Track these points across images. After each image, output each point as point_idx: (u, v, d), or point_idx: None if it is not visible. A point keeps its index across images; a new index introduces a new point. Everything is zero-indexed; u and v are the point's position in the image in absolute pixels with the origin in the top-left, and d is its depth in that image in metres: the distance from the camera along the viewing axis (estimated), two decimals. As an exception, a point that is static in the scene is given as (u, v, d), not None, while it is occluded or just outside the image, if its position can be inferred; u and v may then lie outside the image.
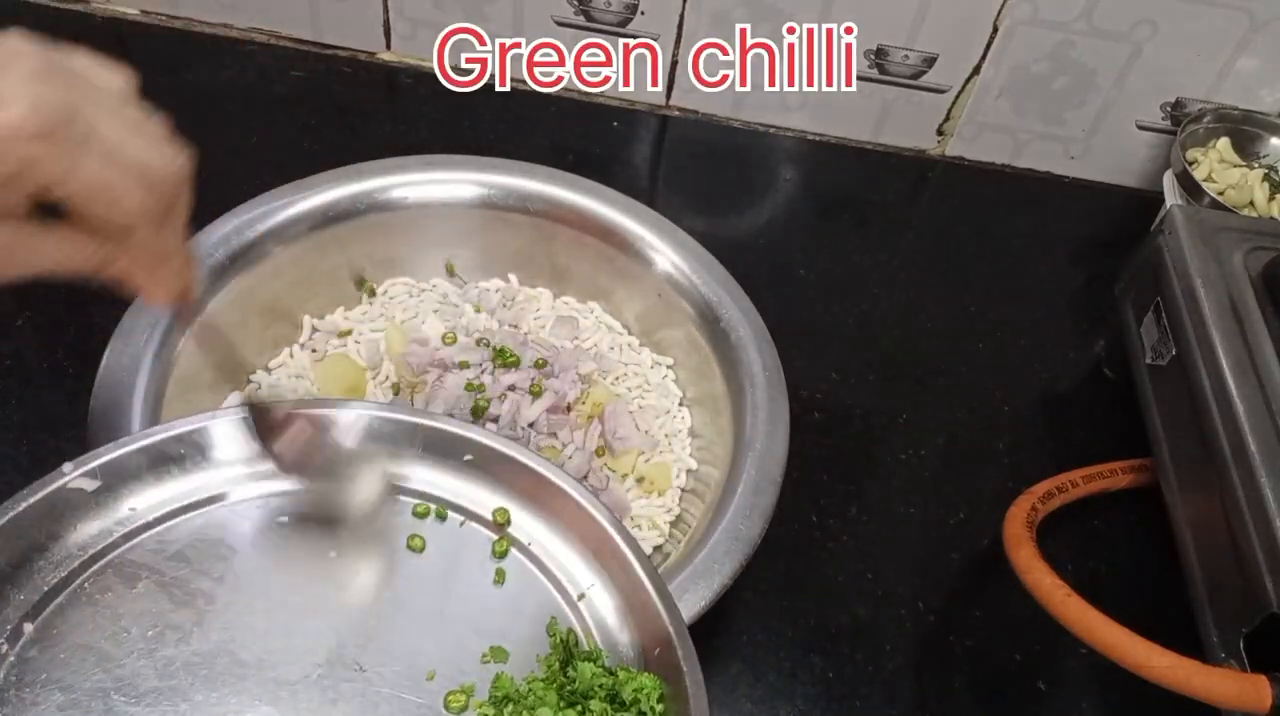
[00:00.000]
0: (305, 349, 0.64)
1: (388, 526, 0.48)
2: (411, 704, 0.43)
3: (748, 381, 0.59)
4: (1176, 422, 0.61)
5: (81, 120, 0.35)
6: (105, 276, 0.40)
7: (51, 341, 0.65)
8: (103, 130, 0.36)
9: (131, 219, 0.38)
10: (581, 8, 0.83)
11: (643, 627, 0.45)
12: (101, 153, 0.36)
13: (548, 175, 0.66)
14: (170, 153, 0.38)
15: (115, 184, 0.37)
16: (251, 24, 0.89)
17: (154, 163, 0.38)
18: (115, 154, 0.36)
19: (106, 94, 0.37)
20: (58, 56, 0.36)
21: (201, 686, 0.42)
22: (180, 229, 0.40)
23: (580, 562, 0.47)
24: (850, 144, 0.89)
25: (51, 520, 0.44)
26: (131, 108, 0.38)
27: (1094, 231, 0.87)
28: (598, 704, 0.42)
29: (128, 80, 0.39)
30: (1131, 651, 0.48)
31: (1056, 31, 0.80)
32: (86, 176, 0.36)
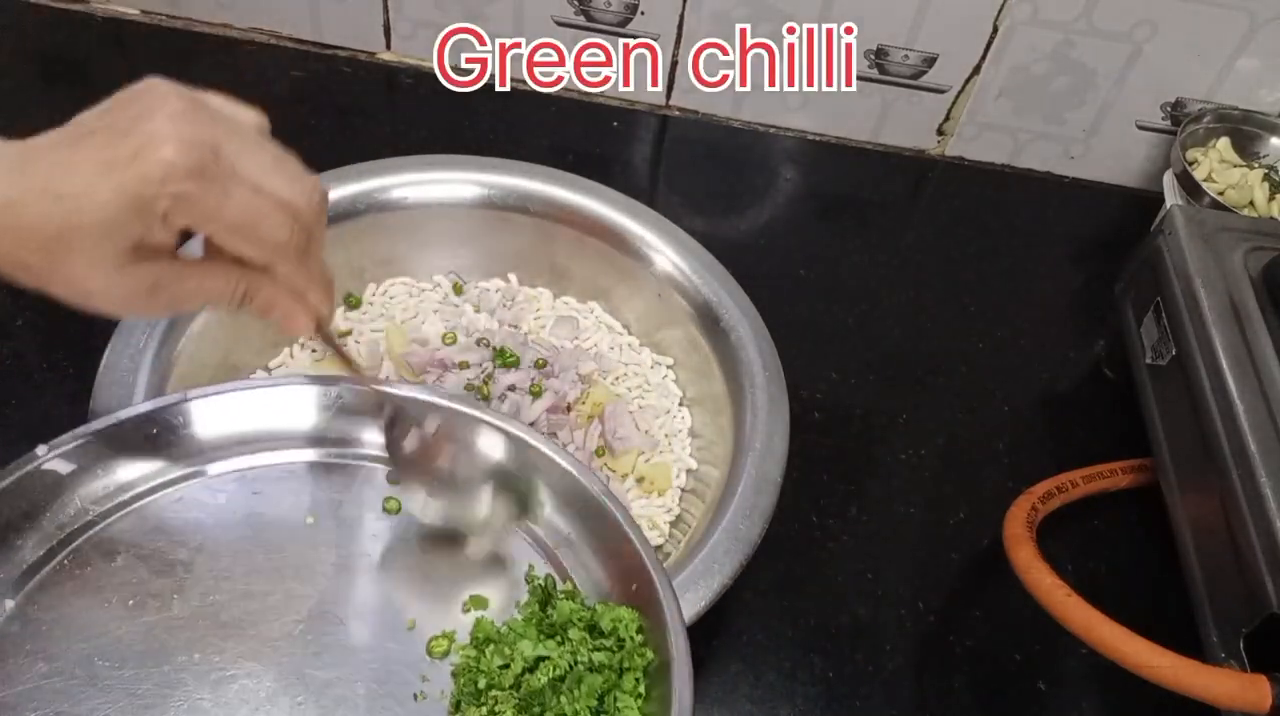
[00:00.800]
0: (305, 349, 0.64)
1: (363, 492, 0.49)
2: (394, 651, 0.44)
3: (748, 381, 0.59)
4: (1176, 422, 0.61)
5: (225, 157, 0.37)
6: (250, 308, 0.42)
7: (51, 341, 0.65)
8: (245, 167, 0.38)
9: (276, 252, 0.40)
10: (581, 8, 0.83)
11: (619, 566, 0.46)
12: (246, 189, 0.38)
13: (548, 175, 0.66)
14: (309, 187, 0.40)
15: (260, 219, 0.38)
16: (251, 24, 0.89)
17: (295, 197, 0.39)
18: (259, 189, 0.38)
19: (244, 132, 0.39)
20: (198, 97, 0.39)
21: (184, 648, 0.42)
22: (319, 258, 0.42)
23: (557, 515, 0.48)
24: (850, 144, 0.89)
25: (28, 501, 0.44)
26: (269, 144, 0.40)
27: (1094, 231, 0.87)
28: (576, 632, 0.43)
29: (261, 118, 0.41)
30: (1131, 651, 0.48)
31: (1056, 31, 0.80)
32: (234, 212, 0.38)
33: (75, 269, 0.37)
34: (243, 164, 0.38)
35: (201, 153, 0.37)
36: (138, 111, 0.37)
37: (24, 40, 0.84)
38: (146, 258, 0.38)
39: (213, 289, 0.41)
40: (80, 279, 0.37)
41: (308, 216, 0.40)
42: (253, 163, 0.38)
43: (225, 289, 0.41)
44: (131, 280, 0.38)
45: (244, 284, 0.41)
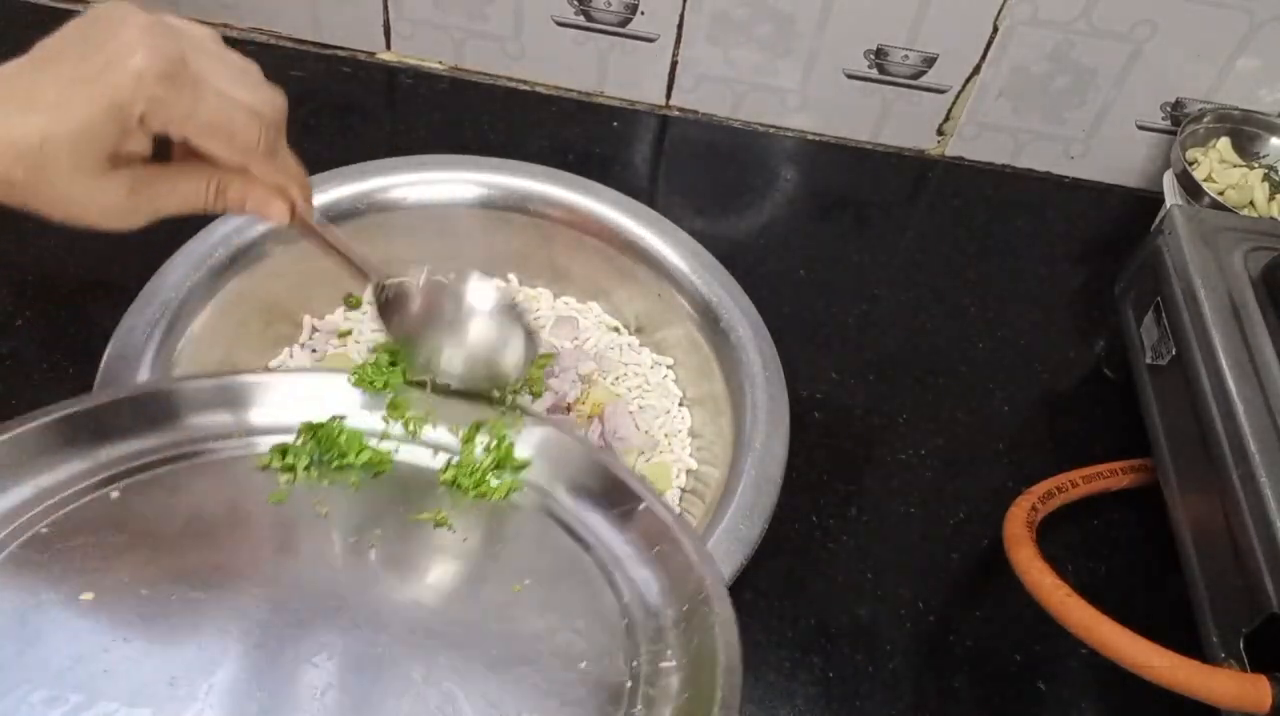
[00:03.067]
0: (305, 349, 0.64)
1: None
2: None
3: (748, 381, 0.59)
4: (1176, 422, 0.61)
5: (192, 64, 0.40)
6: (224, 206, 0.44)
7: (51, 341, 0.65)
8: (211, 74, 0.41)
9: (247, 150, 0.42)
10: (581, 8, 0.83)
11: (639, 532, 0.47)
12: (215, 93, 0.40)
13: (548, 175, 0.67)
14: (270, 93, 0.43)
15: (231, 120, 0.41)
16: (251, 24, 0.89)
17: (259, 103, 0.42)
18: (226, 94, 0.41)
19: (205, 44, 0.42)
20: (158, 14, 0.40)
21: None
22: (288, 154, 0.45)
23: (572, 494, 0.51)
24: (850, 144, 0.89)
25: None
26: (229, 55, 0.43)
27: (1094, 231, 0.87)
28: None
29: (215, 33, 0.43)
30: (1131, 651, 0.48)
31: (1056, 31, 0.80)
32: (206, 113, 0.40)
33: (58, 179, 0.38)
34: (209, 71, 0.40)
35: (170, 59, 0.39)
36: (102, 29, 0.39)
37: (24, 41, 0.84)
38: (123, 164, 0.40)
39: (188, 188, 0.42)
40: (63, 188, 0.39)
41: (272, 119, 0.43)
42: (218, 70, 0.41)
43: (199, 187, 0.43)
44: (111, 185, 0.40)
45: (217, 180, 0.43)
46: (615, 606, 0.44)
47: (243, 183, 0.44)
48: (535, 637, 0.43)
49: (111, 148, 0.39)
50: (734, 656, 0.39)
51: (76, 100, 0.38)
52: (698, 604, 0.42)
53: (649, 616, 0.43)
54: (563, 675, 0.41)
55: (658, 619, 0.43)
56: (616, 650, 0.42)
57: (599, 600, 0.45)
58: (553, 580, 0.46)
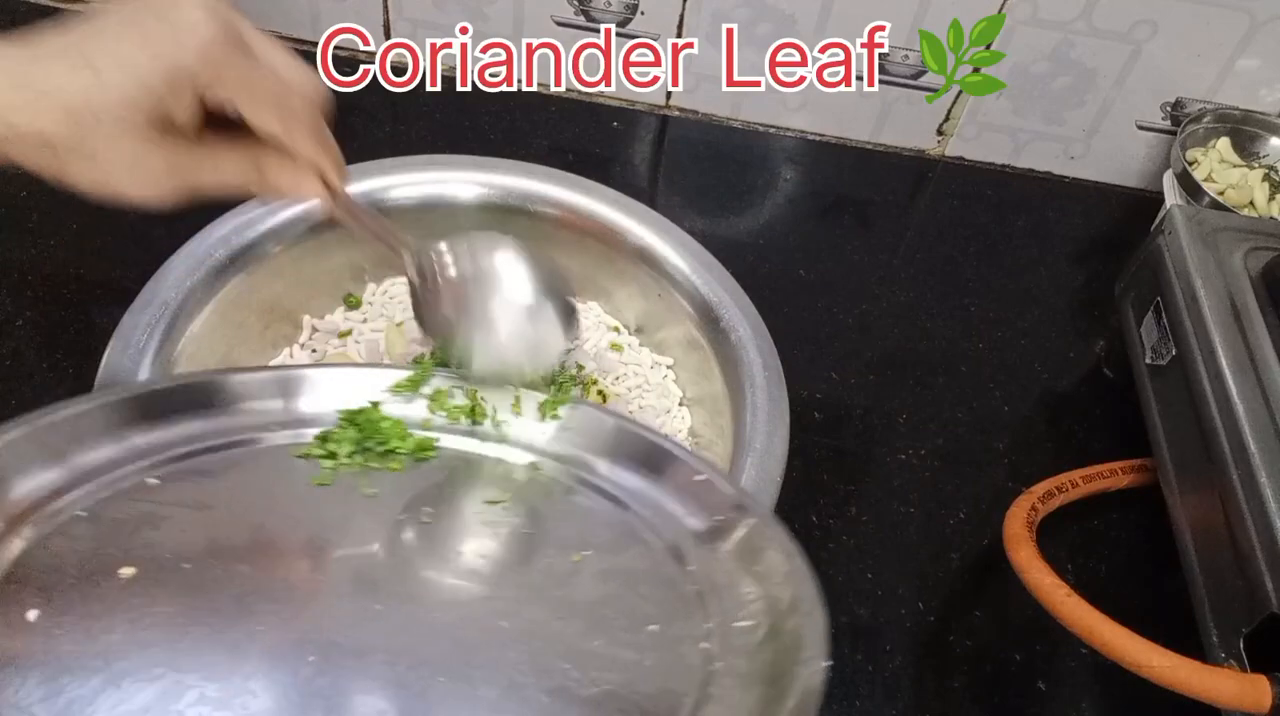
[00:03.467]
0: (305, 349, 0.64)
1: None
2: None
3: (748, 381, 0.59)
4: (1176, 422, 0.61)
5: (248, 36, 0.41)
6: (263, 185, 0.44)
7: (51, 341, 0.65)
8: (265, 50, 0.41)
9: (297, 122, 0.42)
10: (581, 8, 0.83)
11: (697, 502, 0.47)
12: (266, 64, 0.41)
13: (547, 175, 0.66)
14: (314, 75, 0.44)
15: (282, 91, 0.42)
16: (251, 24, 0.88)
17: (306, 77, 0.43)
18: (276, 66, 0.42)
19: (254, 29, 0.42)
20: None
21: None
22: (328, 133, 0.45)
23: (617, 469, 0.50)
24: (850, 144, 0.89)
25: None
26: (276, 41, 0.43)
27: (1094, 231, 0.87)
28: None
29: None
30: (1131, 651, 0.48)
31: (1056, 31, 0.80)
32: (261, 83, 0.41)
33: (101, 140, 0.37)
34: (263, 47, 0.41)
35: (232, 29, 0.39)
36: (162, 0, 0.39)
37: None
38: (169, 134, 0.39)
39: (229, 164, 0.42)
40: (105, 151, 0.38)
41: (318, 92, 0.43)
42: (270, 48, 0.42)
43: (241, 163, 0.42)
44: (152, 157, 0.39)
45: (257, 159, 0.43)
46: (680, 573, 0.43)
47: (279, 161, 0.44)
48: (601, 603, 0.42)
49: (163, 112, 0.38)
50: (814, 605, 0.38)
51: (133, 57, 0.37)
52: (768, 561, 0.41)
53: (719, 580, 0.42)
54: (632, 638, 0.40)
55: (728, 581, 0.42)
56: (687, 613, 0.40)
57: (662, 568, 0.43)
58: (612, 550, 0.45)
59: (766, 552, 0.42)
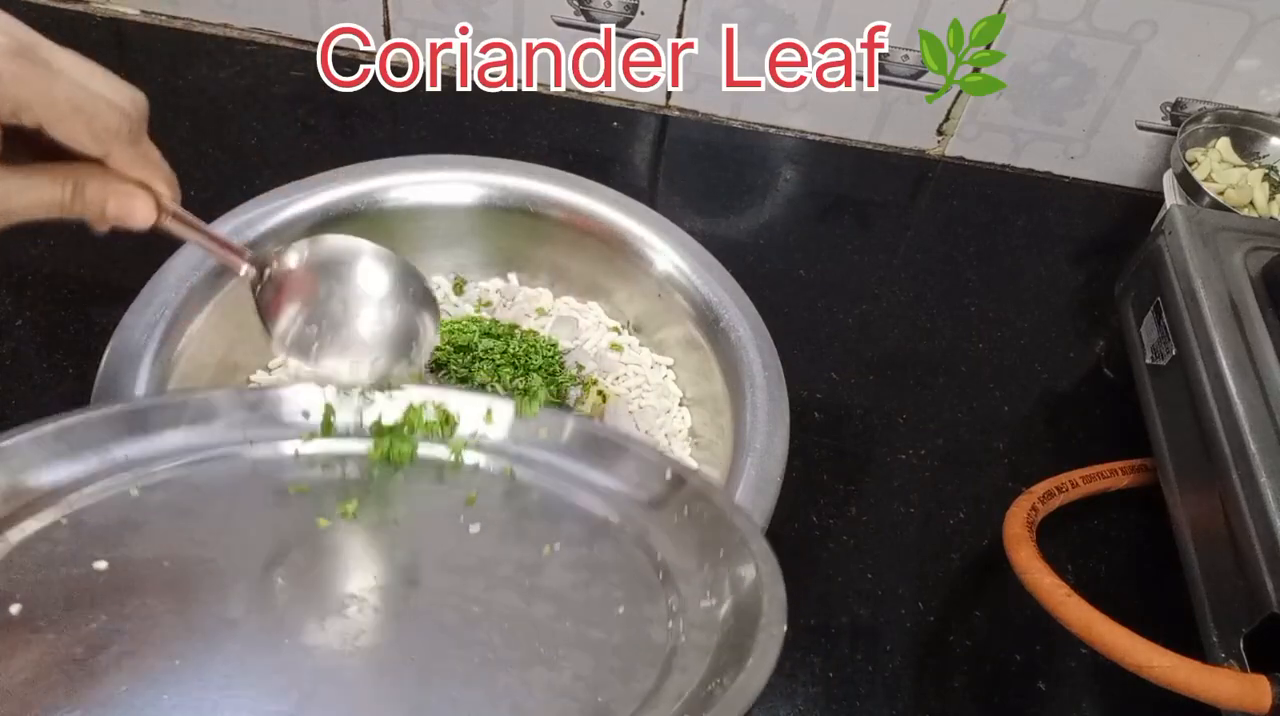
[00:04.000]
0: (305, 349, 0.64)
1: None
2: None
3: (748, 381, 0.59)
4: (1176, 422, 0.61)
5: (46, 51, 0.37)
6: (83, 207, 0.40)
7: (51, 341, 0.65)
8: (67, 62, 0.38)
9: (111, 136, 0.39)
10: (581, 8, 0.83)
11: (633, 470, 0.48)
12: (69, 78, 0.38)
13: (547, 175, 0.66)
14: (132, 88, 0.40)
15: (89, 103, 0.38)
16: (251, 24, 0.89)
17: (119, 91, 0.39)
18: (82, 80, 0.38)
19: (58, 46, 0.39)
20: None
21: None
22: (150, 145, 0.41)
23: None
24: (850, 144, 0.89)
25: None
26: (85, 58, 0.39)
27: (1094, 231, 0.87)
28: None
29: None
30: (1131, 651, 0.48)
31: (1056, 31, 0.80)
32: (62, 95, 0.37)
33: None
34: (64, 60, 0.38)
35: (21, 40, 0.37)
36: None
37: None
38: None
39: (41, 186, 0.39)
40: None
41: (136, 107, 0.40)
42: (74, 61, 0.38)
43: (54, 184, 0.39)
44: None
45: (73, 178, 0.39)
46: (647, 562, 0.44)
47: (102, 179, 0.40)
48: (570, 589, 0.43)
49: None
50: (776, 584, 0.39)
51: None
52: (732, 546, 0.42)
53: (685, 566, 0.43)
54: (601, 619, 0.41)
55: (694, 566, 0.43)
56: (654, 596, 0.42)
57: (630, 558, 0.45)
58: (582, 542, 0.46)
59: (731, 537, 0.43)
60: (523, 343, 0.62)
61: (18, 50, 0.36)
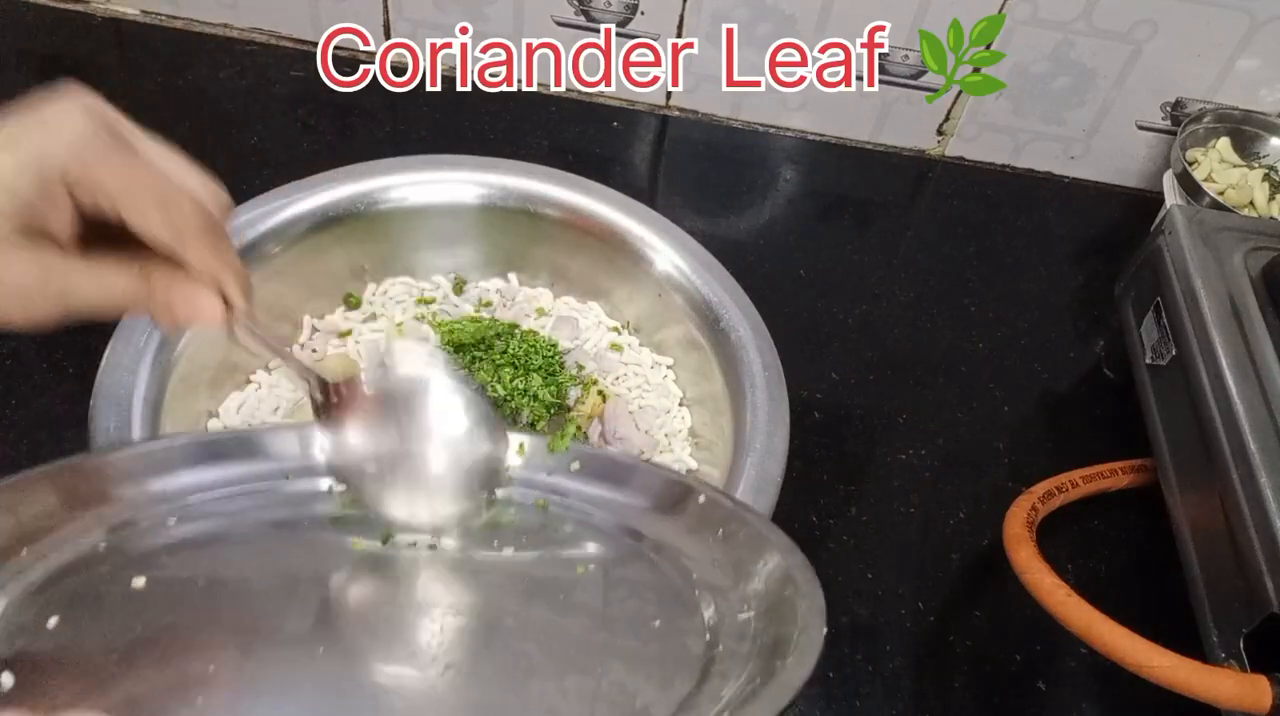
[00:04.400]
0: (305, 349, 0.64)
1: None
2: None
3: (748, 381, 0.59)
4: (1176, 422, 0.61)
5: (129, 135, 0.37)
6: (148, 301, 0.39)
7: (51, 341, 0.65)
8: (149, 149, 0.38)
9: (189, 230, 0.37)
10: (581, 8, 0.83)
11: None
12: (154, 168, 0.37)
13: (547, 175, 0.66)
14: (213, 182, 0.39)
15: (169, 195, 0.37)
16: (251, 24, 0.89)
17: (202, 183, 0.39)
18: (165, 168, 0.37)
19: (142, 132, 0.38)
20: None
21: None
22: (229, 244, 0.40)
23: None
24: (850, 144, 0.89)
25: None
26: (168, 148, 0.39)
27: (1094, 231, 0.87)
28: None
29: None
30: (1131, 651, 0.48)
31: (1056, 31, 0.80)
32: (143, 184, 0.36)
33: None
34: (146, 147, 0.38)
35: (106, 124, 0.36)
36: (38, 101, 0.36)
37: (23, 40, 0.84)
38: (41, 243, 0.36)
39: (109, 275, 0.38)
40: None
41: (217, 209, 0.39)
42: (156, 148, 0.38)
43: (125, 280, 0.38)
44: (23, 264, 0.35)
45: (147, 273, 0.38)
46: (683, 581, 0.43)
47: (174, 274, 0.38)
48: (605, 605, 0.43)
49: (32, 214, 0.35)
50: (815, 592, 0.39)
51: (2, 159, 0.34)
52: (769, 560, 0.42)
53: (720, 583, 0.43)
54: (636, 631, 0.41)
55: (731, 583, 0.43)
56: (690, 611, 0.42)
57: (664, 576, 0.44)
58: (616, 563, 0.46)
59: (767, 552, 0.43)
60: (523, 343, 0.62)
61: (100, 136, 0.36)
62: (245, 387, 0.62)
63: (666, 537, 0.47)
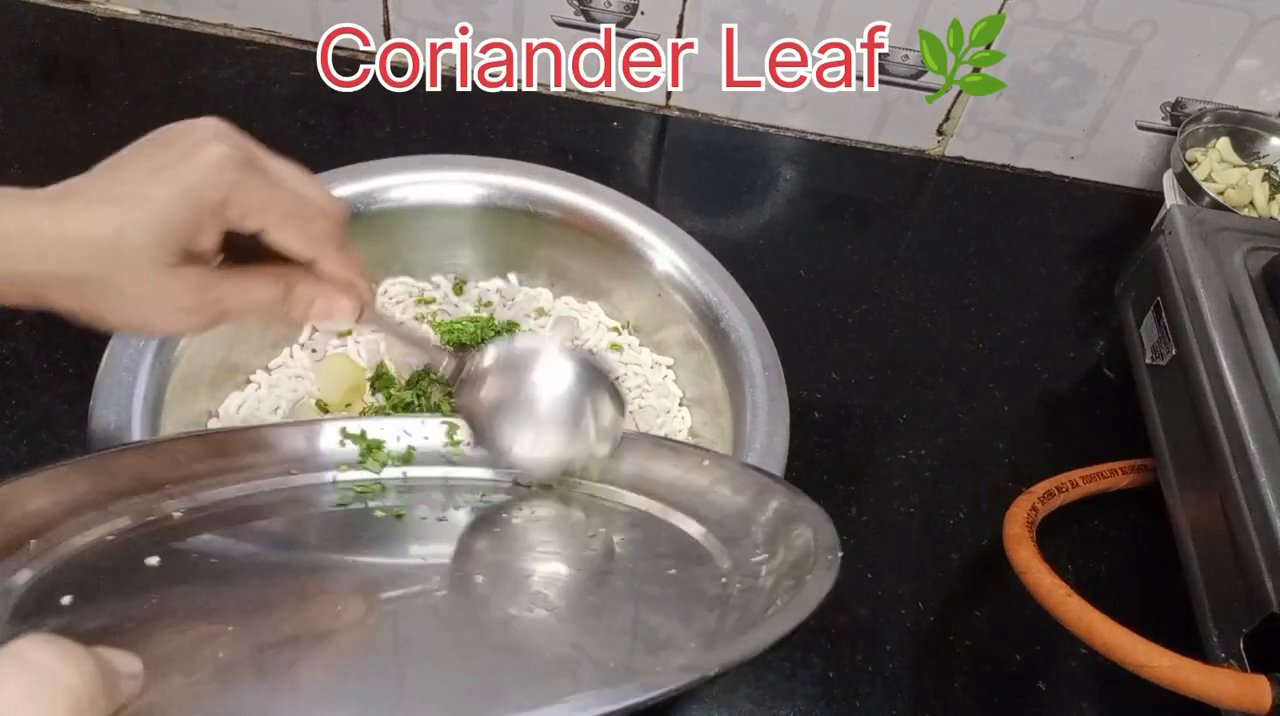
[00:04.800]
0: (305, 349, 0.64)
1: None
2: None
3: (748, 381, 0.59)
4: (1176, 422, 0.61)
5: (264, 159, 0.41)
6: (292, 306, 0.43)
7: (51, 341, 0.65)
8: (281, 170, 0.42)
9: (323, 240, 0.42)
10: (581, 7, 0.83)
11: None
12: (288, 186, 0.41)
13: (547, 175, 0.66)
14: (332, 194, 0.43)
15: (306, 210, 0.41)
16: (251, 24, 0.89)
17: (329, 197, 0.43)
18: (296, 188, 0.41)
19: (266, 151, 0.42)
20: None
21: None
22: (354, 249, 0.44)
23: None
24: (850, 144, 0.89)
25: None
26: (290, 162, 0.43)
27: (1094, 231, 0.87)
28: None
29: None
30: (1131, 651, 0.48)
31: (1056, 31, 0.80)
32: (282, 202, 0.40)
33: (131, 273, 0.37)
34: (279, 167, 0.41)
35: (246, 150, 0.40)
36: (175, 132, 0.39)
37: (24, 40, 0.84)
38: (194, 262, 0.39)
39: (257, 286, 0.41)
40: (134, 285, 0.38)
41: (342, 213, 0.43)
42: (286, 168, 0.42)
43: (268, 290, 0.42)
44: (181, 284, 0.39)
45: (285, 280, 0.42)
46: (696, 537, 0.46)
47: (311, 282, 0.43)
48: (620, 558, 0.46)
49: (187, 239, 0.38)
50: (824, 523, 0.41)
51: (154, 189, 0.37)
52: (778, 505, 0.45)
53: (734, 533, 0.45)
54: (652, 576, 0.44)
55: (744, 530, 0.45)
56: (705, 560, 0.44)
57: (677, 535, 0.47)
58: (628, 527, 0.48)
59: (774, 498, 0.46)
60: None
61: (244, 161, 0.39)
62: (245, 388, 0.62)
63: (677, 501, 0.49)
